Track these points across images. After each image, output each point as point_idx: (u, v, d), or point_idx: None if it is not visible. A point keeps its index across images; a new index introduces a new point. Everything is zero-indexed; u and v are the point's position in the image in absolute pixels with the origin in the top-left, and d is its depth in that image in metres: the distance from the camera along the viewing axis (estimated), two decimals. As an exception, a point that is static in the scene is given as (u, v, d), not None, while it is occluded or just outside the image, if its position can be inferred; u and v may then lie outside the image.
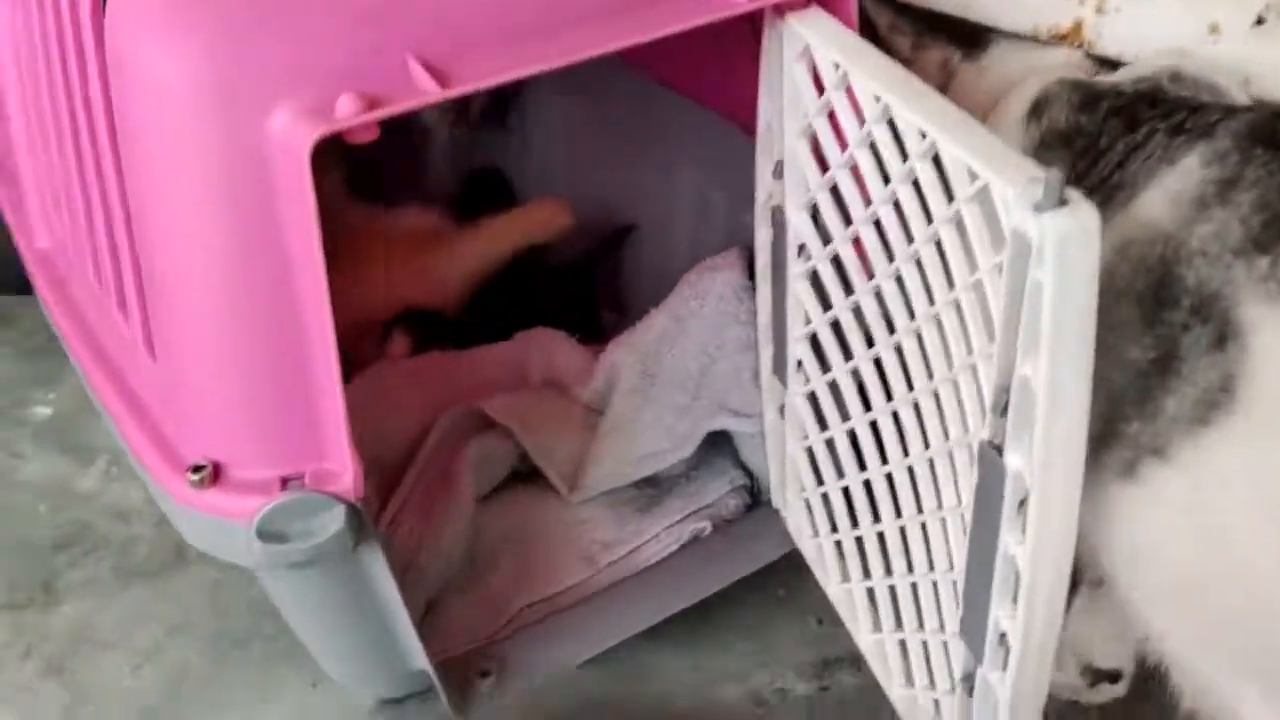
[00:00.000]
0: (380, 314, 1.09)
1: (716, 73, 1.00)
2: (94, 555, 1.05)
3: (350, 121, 0.61)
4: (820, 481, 0.84)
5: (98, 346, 0.83)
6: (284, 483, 0.70)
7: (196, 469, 0.70)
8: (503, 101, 1.26)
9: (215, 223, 0.65)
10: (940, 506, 0.67)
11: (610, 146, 1.18)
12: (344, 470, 0.69)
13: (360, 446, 0.94)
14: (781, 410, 0.87)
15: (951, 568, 0.67)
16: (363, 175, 1.13)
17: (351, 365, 1.05)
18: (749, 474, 0.97)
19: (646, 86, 1.11)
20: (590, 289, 1.15)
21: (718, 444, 0.98)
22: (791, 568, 0.92)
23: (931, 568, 0.70)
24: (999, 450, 0.57)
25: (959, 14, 0.89)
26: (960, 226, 0.59)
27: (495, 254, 1.12)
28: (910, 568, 0.73)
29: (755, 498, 0.97)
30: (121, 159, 0.69)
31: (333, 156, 0.91)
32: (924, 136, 0.60)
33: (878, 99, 0.64)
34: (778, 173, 0.79)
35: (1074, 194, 0.51)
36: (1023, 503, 0.56)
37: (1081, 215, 0.50)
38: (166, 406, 0.74)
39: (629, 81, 1.13)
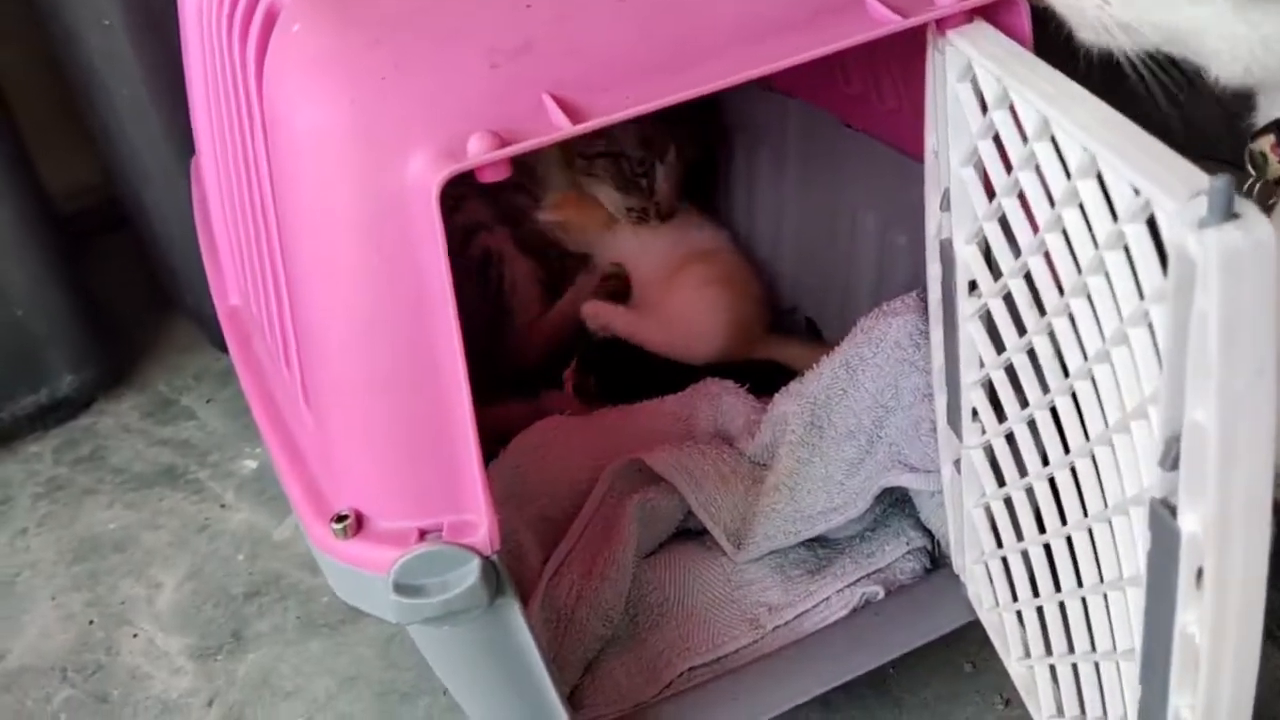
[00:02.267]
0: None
1: (893, 103, 0.95)
2: (281, 604, 1.08)
3: (478, 160, 0.60)
4: (999, 545, 0.76)
5: (270, 399, 0.85)
6: (422, 534, 0.69)
7: (339, 518, 0.70)
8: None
9: (356, 270, 0.65)
10: (1122, 576, 0.59)
11: (792, 193, 1.14)
12: (480, 522, 0.68)
13: (527, 500, 0.95)
14: (958, 465, 0.80)
15: (1134, 649, 0.59)
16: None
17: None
18: (929, 534, 0.90)
19: (826, 127, 1.07)
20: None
21: (897, 502, 0.91)
22: (981, 638, 0.84)
23: (1114, 647, 0.62)
24: (1172, 511, 0.49)
25: None
26: (1128, 251, 0.52)
27: None
28: (1093, 646, 0.65)
29: (935, 561, 0.90)
30: (278, 211, 0.71)
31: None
32: (1085, 150, 0.53)
33: (1038, 113, 0.57)
34: (945, 203, 0.73)
35: (1246, 205, 0.43)
36: (1201, 573, 0.48)
37: (1254, 230, 0.43)
38: (319, 457, 0.75)
39: (809, 124, 1.10)
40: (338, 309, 0.66)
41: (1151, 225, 0.48)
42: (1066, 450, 0.64)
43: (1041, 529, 0.70)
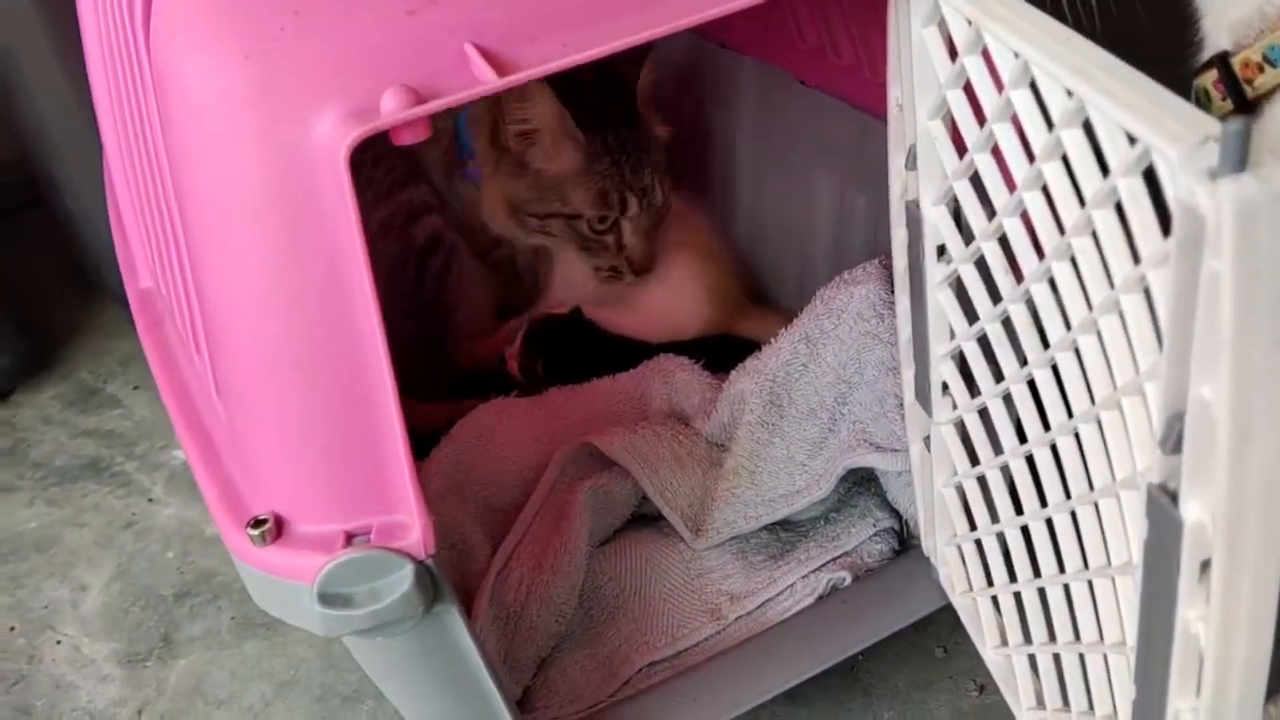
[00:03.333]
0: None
1: (850, 58, 0.90)
2: (214, 604, 1.01)
3: (393, 119, 0.54)
4: (973, 526, 0.71)
5: (183, 389, 0.79)
6: (349, 539, 0.62)
7: (257, 523, 0.64)
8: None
9: (260, 245, 0.58)
10: (1109, 563, 0.54)
11: (746, 156, 1.08)
12: (412, 524, 0.62)
13: (471, 491, 0.89)
14: (927, 443, 0.75)
15: (1124, 641, 0.54)
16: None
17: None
18: (897, 514, 0.85)
19: (781, 86, 1.01)
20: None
21: (861, 481, 0.86)
22: (952, 622, 0.79)
23: (1102, 638, 0.57)
24: (1173, 497, 0.44)
25: None
26: (1120, 209, 0.46)
27: None
28: (1077, 635, 0.60)
29: (904, 541, 0.85)
30: (175, 182, 0.64)
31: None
32: (1070, 95, 0.48)
33: (1016, 55, 0.52)
34: (910, 162, 0.67)
35: (1263, 153, 0.38)
36: (1206, 565, 0.43)
37: (1274, 181, 0.37)
38: (234, 453, 0.69)
39: (763, 83, 1.04)
40: (242, 288, 0.59)
41: (1149, 179, 0.43)
42: (1047, 427, 0.59)
43: (1019, 510, 0.65)
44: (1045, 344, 0.57)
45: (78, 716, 0.94)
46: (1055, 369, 0.57)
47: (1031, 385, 0.60)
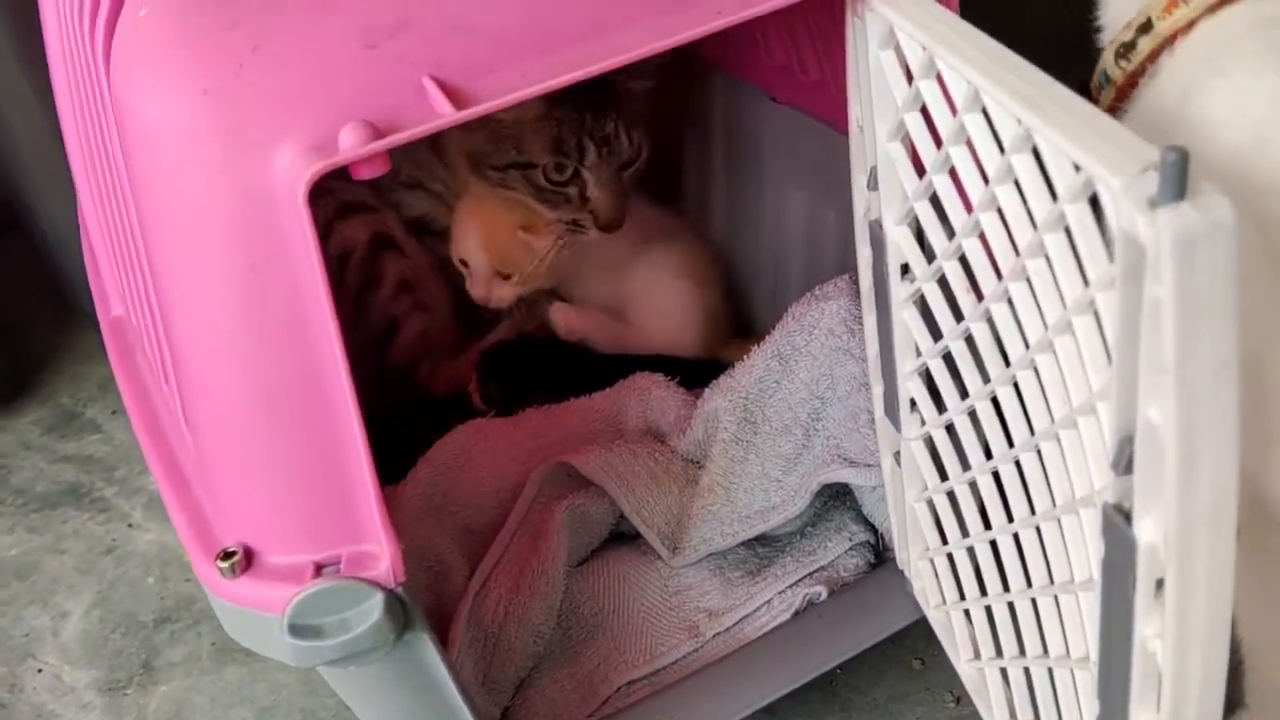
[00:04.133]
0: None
1: (816, 75, 0.90)
2: (195, 630, 1.01)
3: (352, 155, 0.54)
4: (944, 540, 0.72)
5: (154, 419, 0.79)
6: (318, 569, 0.63)
7: (226, 555, 0.64)
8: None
9: (222, 278, 0.58)
10: (1073, 579, 0.55)
11: (719, 172, 1.09)
12: (381, 553, 0.62)
13: (448, 513, 0.89)
14: (898, 458, 0.75)
15: (1089, 656, 0.54)
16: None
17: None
18: (872, 528, 0.85)
19: (750, 101, 1.01)
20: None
21: (837, 495, 0.87)
22: (929, 634, 0.80)
23: (1068, 652, 0.57)
24: (1127, 517, 0.44)
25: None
26: (1069, 233, 0.47)
27: None
28: (1045, 650, 0.60)
29: (879, 554, 0.85)
30: (139, 215, 0.64)
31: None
32: (1019, 123, 0.48)
33: (967, 82, 0.52)
34: (872, 182, 0.68)
35: (1203, 181, 0.38)
36: (1161, 584, 0.43)
37: (1212, 209, 0.38)
38: (203, 484, 0.69)
39: (733, 99, 1.04)
40: (206, 320, 0.59)
41: (1096, 204, 0.43)
42: (1011, 444, 0.59)
43: (987, 525, 0.66)
44: (1007, 362, 0.58)
45: (59, 745, 0.94)
46: (1017, 387, 0.57)
47: (995, 402, 0.60)
